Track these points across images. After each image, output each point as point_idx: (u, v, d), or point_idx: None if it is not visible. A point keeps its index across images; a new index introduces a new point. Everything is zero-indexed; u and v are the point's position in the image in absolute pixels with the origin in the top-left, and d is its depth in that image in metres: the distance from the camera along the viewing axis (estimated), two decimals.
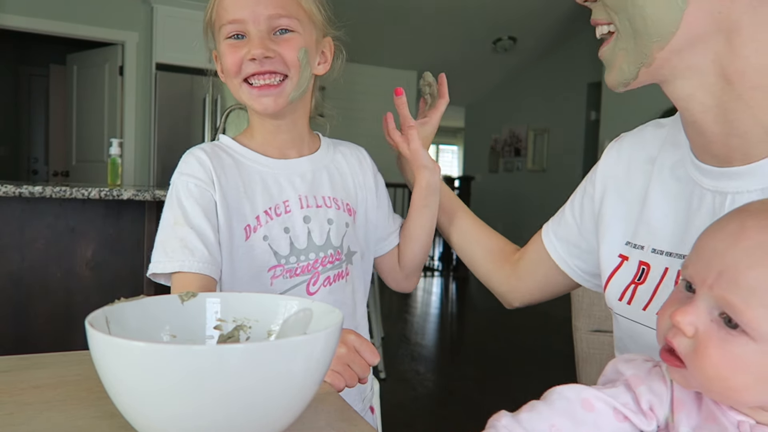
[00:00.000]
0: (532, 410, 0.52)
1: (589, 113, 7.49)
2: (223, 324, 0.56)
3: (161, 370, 0.39)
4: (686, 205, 0.68)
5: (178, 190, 0.88)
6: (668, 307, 0.50)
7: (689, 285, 0.48)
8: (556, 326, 4.20)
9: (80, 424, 0.50)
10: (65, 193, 1.97)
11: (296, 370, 0.42)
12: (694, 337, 0.46)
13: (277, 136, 0.95)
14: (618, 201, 0.78)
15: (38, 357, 0.68)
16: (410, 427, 2.47)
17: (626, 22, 0.62)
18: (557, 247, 0.90)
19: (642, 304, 0.71)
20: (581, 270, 0.89)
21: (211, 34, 0.93)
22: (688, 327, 0.45)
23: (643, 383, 0.52)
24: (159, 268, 0.83)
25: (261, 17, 0.85)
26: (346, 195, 0.99)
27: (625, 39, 0.63)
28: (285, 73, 0.87)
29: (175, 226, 0.85)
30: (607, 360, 1.76)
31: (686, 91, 0.63)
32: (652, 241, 0.71)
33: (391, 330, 3.96)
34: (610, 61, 0.66)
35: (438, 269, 6.86)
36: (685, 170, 0.70)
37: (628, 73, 0.64)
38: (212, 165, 0.89)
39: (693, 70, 0.61)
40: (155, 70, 5.11)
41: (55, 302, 2.11)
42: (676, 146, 0.72)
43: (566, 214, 0.90)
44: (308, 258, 0.92)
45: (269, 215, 0.91)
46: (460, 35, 7.26)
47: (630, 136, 0.82)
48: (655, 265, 0.70)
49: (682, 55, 0.61)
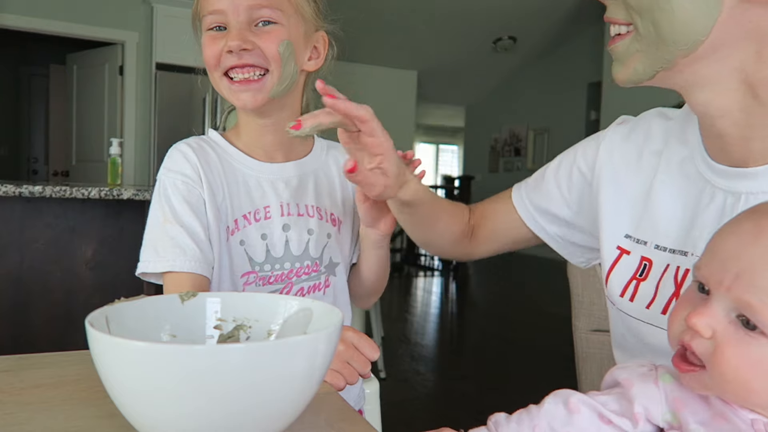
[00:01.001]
0: (523, 412, 0.54)
1: (589, 113, 7.49)
2: (223, 324, 0.56)
3: (161, 370, 0.39)
4: (694, 203, 0.67)
5: (166, 187, 0.85)
6: (681, 309, 0.49)
7: (702, 286, 0.48)
8: (556, 326, 4.20)
9: (80, 424, 0.50)
10: (65, 192, 1.97)
11: (296, 370, 0.42)
12: (712, 339, 0.45)
13: (262, 136, 0.91)
14: (617, 191, 0.76)
15: (38, 357, 0.68)
16: (410, 427, 2.46)
17: (650, 26, 0.59)
18: (535, 216, 0.86)
19: (645, 301, 0.70)
20: (560, 237, 0.86)
21: (198, 26, 0.90)
22: (706, 329, 0.45)
23: (635, 386, 0.52)
24: (149, 268, 0.81)
25: (240, 8, 0.82)
26: (332, 204, 0.96)
27: (646, 42, 0.60)
28: (265, 67, 0.84)
29: (165, 224, 0.83)
30: (607, 360, 1.76)
31: (705, 96, 0.61)
32: (655, 238, 0.70)
33: (391, 330, 3.96)
34: (622, 59, 0.64)
35: (438, 269, 6.86)
36: (695, 167, 0.68)
37: (643, 74, 0.62)
38: (199, 161, 0.86)
39: (715, 76, 0.60)
40: (155, 70, 5.11)
41: (55, 302, 2.11)
42: (684, 142, 0.71)
43: (548, 182, 0.86)
44: (283, 267, 0.89)
45: (248, 220, 0.88)
46: (460, 35, 7.26)
47: (635, 124, 0.79)
48: (657, 262, 0.69)
49: (705, 62, 0.59)
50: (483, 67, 8.46)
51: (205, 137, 0.93)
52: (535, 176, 0.89)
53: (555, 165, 0.87)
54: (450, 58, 8.03)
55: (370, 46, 7.09)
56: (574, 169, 0.83)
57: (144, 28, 5.23)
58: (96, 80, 5.40)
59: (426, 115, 11.46)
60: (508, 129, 9.02)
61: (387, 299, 5.06)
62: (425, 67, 8.20)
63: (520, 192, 0.89)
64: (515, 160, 8.90)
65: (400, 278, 6.30)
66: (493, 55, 7.98)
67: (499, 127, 9.23)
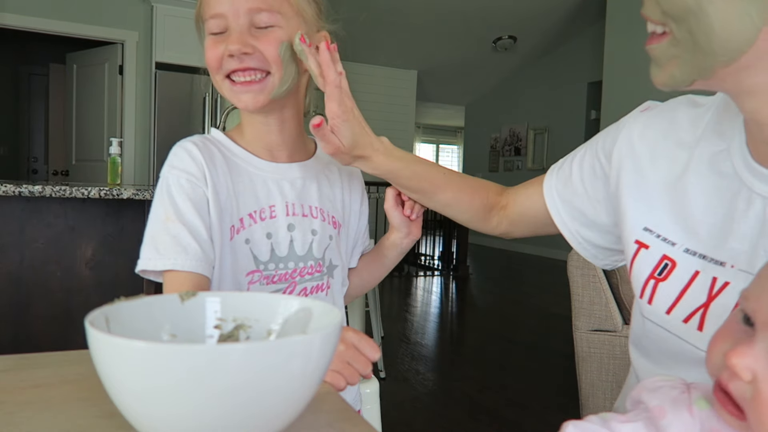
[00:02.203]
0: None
1: (589, 112, 7.50)
2: (223, 323, 0.56)
3: (161, 369, 0.39)
4: (729, 206, 0.62)
5: (169, 184, 0.85)
6: (721, 339, 0.45)
7: (748, 318, 0.43)
8: (556, 326, 4.20)
9: (80, 424, 0.50)
10: (65, 192, 1.97)
11: (296, 370, 0.42)
12: (752, 383, 0.41)
13: (266, 135, 0.92)
14: (637, 182, 0.72)
15: (38, 356, 0.68)
16: (410, 427, 2.47)
17: (686, 34, 0.55)
18: (560, 210, 0.84)
19: (665, 306, 0.65)
20: (582, 237, 0.83)
21: (202, 29, 0.90)
22: (745, 372, 0.40)
23: (667, 415, 0.47)
24: (150, 265, 0.81)
25: (240, 11, 0.83)
26: (333, 208, 0.97)
27: (683, 48, 0.56)
28: (267, 69, 0.84)
29: (167, 222, 0.82)
30: (607, 360, 1.75)
31: (753, 105, 0.57)
32: (686, 240, 0.65)
33: (391, 330, 3.96)
34: (659, 62, 0.59)
35: (438, 269, 6.86)
36: (731, 164, 0.63)
37: (681, 81, 0.58)
38: (204, 160, 0.86)
39: (762, 84, 0.55)
40: (155, 70, 5.11)
41: (55, 302, 2.11)
42: (721, 135, 0.66)
43: (573, 176, 0.83)
44: (287, 267, 0.89)
45: (253, 218, 0.88)
46: (460, 34, 7.26)
47: (660, 112, 0.74)
48: (684, 266, 0.64)
49: (750, 71, 0.54)
50: (483, 67, 8.46)
51: (208, 136, 0.93)
52: (565, 166, 0.86)
53: (579, 158, 0.83)
54: (450, 58, 8.03)
55: (370, 46, 7.09)
56: (596, 164, 0.80)
57: (144, 28, 5.23)
58: (96, 80, 5.40)
59: (426, 114, 11.47)
60: (508, 128, 9.03)
61: (387, 299, 5.07)
62: (425, 66, 8.20)
63: (551, 180, 0.86)
64: (515, 159, 8.90)
65: (400, 278, 6.30)
66: (493, 54, 7.98)
67: (499, 126, 9.23)
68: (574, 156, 0.85)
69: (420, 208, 0.95)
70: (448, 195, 0.92)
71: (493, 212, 0.94)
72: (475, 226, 0.96)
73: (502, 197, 0.94)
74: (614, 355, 1.58)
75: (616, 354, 1.58)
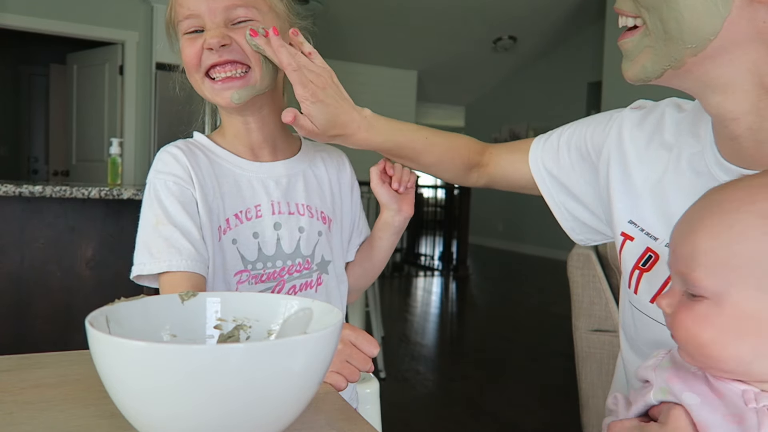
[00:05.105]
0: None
1: (589, 113, 7.49)
2: (223, 323, 0.56)
3: (161, 369, 0.39)
4: None
5: (157, 189, 0.85)
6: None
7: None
8: (556, 326, 4.20)
9: (80, 424, 0.50)
10: (65, 192, 1.97)
11: (296, 370, 0.42)
12: (672, 315, 0.53)
13: (247, 135, 0.92)
14: (622, 178, 0.76)
15: (38, 356, 0.68)
16: (410, 427, 2.47)
17: (658, 23, 0.58)
18: (546, 181, 0.88)
19: (649, 295, 0.69)
20: (566, 208, 0.87)
21: (174, 34, 0.91)
22: (667, 307, 0.53)
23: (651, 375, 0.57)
24: (145, 270, 0.81)
25: (217, 9, 0.83)
26: (322, 203, 0.97)
27: (655, 38, 0.59)
28: (246, 63, 0.84)
29: (158, 226, 0.82)
30: (607, 359, 1.76)
31: (717, 99, 0.60)
32: (667, 235, 0.68)
33: (391, 330, 3.96)
34: (631, 55, 0.62)
35: (438, 269, 6.86)
36: (705, 164, 0.67)
37: (652, 72, 0.61)
38: (189, 162, 0.87)
39: (726, 77, 0.58)
40: (155, 70, 5.11)
41: (55, 302, 2.11)
42: (696, 137, 0.69)
43: (561, 150, 0.86)
44: (275, 265, 0.89)
45: (239, 219, 0.89)
46: (460, 34, 7.26)
47: (650, 112, 0.77)
48: (666, 259, 0.68)
49: (716, 62, 0.57)
50: (483, 67, 8.46)
51: (191, 140, 0.94)
52: (552, 139, 0.89)
53: (568, 135, 0.86)
54: (450, 58, 8.03)
55: (370, 46, 7.09)
56: (583, 146, 0.83)
57: (144, 28, 5.23)
58: (96, 80, 5.40)
59: (426, 114, 11.46)
60: (508, 128, 9.02)
61: (387, 299, 5.06)
62: (425, 67, 8.20)
63: (537, 152, 0.90)
64: None
65: (400, 278, 6.30)
66: (493, 54, 7.98)
67: (499, 126, 9.23)
68: (562, 132, 0.88)
69: (408, 180, 0.94)
70: (431, 159, 0.95)
71: (473, 170, 0.98)
72: (457, 182, 1.00)
73: (484, 156, 0.97)
74: (614, 355, 1.58)
75: (616, 354, 1.58)
